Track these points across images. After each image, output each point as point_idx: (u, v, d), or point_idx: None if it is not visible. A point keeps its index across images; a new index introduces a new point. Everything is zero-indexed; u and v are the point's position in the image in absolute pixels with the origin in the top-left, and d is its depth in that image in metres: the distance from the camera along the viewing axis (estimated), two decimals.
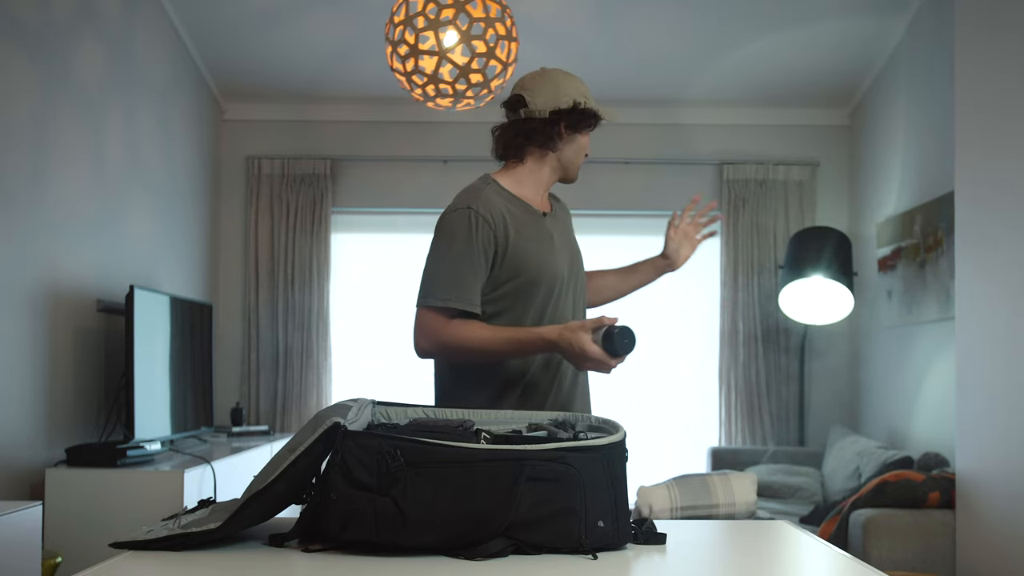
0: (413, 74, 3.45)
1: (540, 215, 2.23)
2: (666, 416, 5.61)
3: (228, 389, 5.50)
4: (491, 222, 2.10)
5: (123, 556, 1.41)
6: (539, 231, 2.20)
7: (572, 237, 2.35)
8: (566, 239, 2.30)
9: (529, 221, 2.19)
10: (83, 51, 3.83)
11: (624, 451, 1.50)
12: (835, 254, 5.03)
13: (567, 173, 2.29)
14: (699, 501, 3.61)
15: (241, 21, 4.85)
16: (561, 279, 2.21)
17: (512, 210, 2.16)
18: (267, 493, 1.43)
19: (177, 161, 4.92)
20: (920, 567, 3.66)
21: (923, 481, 3.80)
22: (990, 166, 3.55)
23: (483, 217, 2.10)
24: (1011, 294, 3.36)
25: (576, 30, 4.93)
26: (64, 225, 3.68)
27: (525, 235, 2.15)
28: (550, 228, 2.25)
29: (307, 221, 5.53)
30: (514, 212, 2.16)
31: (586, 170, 2.70)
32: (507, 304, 2.14)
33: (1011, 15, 3.43)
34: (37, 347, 3.46)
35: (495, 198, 2.15)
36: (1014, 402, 3.33)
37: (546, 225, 2.24)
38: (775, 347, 5.53)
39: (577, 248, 2.34)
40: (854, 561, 1.44)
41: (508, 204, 2.17)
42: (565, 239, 2.30)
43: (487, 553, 1.37)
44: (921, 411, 4.65)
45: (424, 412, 1.74)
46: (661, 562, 1.43)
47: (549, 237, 2.22)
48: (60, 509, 3.31)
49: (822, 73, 5.29)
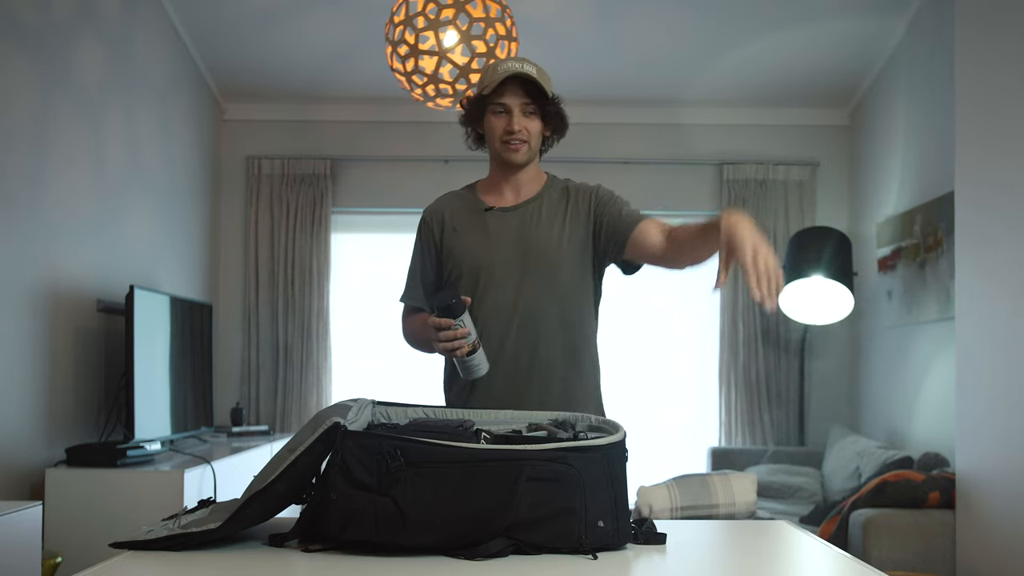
0: (413, 74, 3.45)
1: (481, 210, 2.27)
2: (666, 416, 5.61)
3: (228, 389, 5.50)
4: (430, 223, 2.32)
5: (123, 556, 1.41)
6: (473, 225, 2.26)
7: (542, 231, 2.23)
8: (522, 233, 2.23)
9: (469, 217, 2.28)
10: (83, 51, 3.83)
11: (624, 451, 1.50)
12: (835, 254, 5.03)
13: (499, 158, 2.26)
14: (699, 501, 3.61)
15: (241, 21, 4.85)
16: (488, 270, 2.19)
17: (458, 209, 2.31)
18: (267, 493, 1.43)
19: (177, 161, 4.92)
20: (920, 567, 3.66)
21: (923, 481, 3.80)
22: (990, 166, 3.55)
23: (426, 220, 2.33)
24: (1011, 294, 3.36)
25: (576, 30, 4.93)
26: (64, 225, 3.68)
27: (459, 230, 2.27)
28: (491, 222, 2.24)
29: (307, 221, 5.53)
30: (458, 210, 2.30)
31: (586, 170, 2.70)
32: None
33: (1011, 15, 3.43)
34: (37, 347, 3.46)
35: (447, 200, 2.34)
36: (1014, 402, 3.33)
37: (485, 219, 2.25)
38: (775, 347, 5.53)
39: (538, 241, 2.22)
40: (854, 561, 1.44)
41: (459, 203, 2.32)
42: (521, 233, 2.23)
43: (487, 553, 1.37)
44: (921, 411, 4.64)
45: (424, 412, 1.74)
46: (661, 562, 1.43)
47: (483, 231, 2.24)
48: (60, 509, 3.31)
49: (822, 73, 5.29)
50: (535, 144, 2.25)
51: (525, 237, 2.23)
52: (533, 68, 2.20)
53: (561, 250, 2.23)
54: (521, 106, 2.20)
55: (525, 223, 2.25)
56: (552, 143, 2.33)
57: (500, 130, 2.22)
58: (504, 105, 2.20)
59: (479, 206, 2.28)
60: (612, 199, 2.27)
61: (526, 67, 2.18)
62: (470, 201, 2.31)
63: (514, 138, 2.21)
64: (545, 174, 2.34)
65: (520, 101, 2.20)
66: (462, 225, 2.28)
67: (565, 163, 2.23)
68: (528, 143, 2.22)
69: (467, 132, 2.33)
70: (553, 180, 2.33)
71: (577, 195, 2.29)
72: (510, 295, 2.20)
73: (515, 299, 2.20)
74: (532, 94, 2.20)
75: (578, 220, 2.26)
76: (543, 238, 2.23)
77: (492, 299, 2.20)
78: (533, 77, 2.18)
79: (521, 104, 2.20)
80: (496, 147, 2.24)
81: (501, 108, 2.21)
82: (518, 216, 2.25)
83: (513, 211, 2.26)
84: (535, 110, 2.22)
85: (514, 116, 2.20)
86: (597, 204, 2.26)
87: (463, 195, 2.34)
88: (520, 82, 2.19)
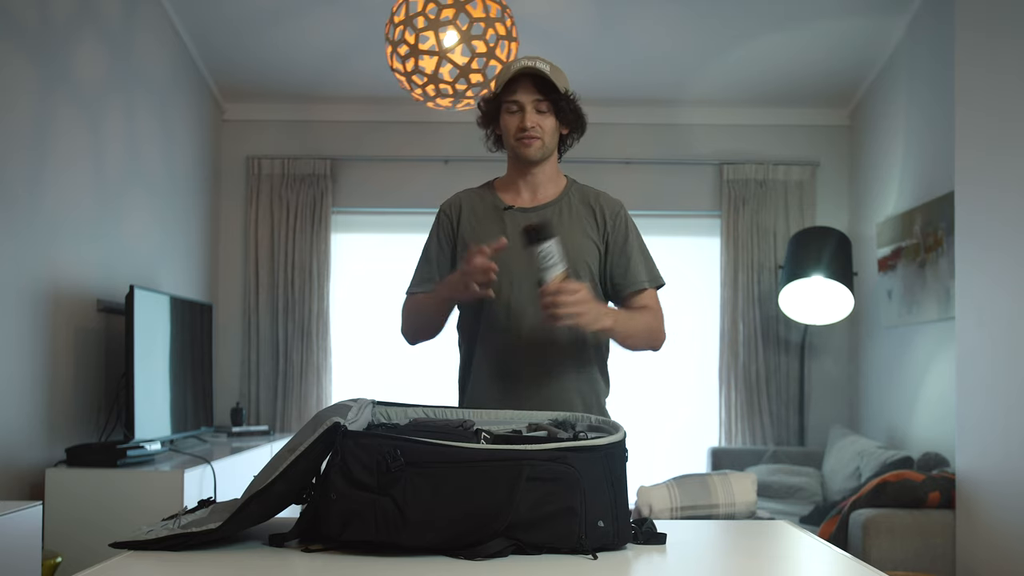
0: (413, 74, 3.45)
1: (500, 208, 2.28)
2: (666, 416, 5.61)
3: (228, 389, 5.50)
4: (450, 215, 2.32)
5: (123, 556, 1.41)
6: (492, 222, 2.27)
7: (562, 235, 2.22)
8: None
9: (487, 213, 2.29)
10: (83, 51, 3.83)
11: (624, 451, 1.50)
12: (835, 254, 5.03)
13: (515, 155, 2.28)
14: (699, 501, 3.61)
15: (241, 21, 4.85)
16: (504, 268, 2.18)
17: (478, 205, 2.31)
18: (267, 493, 1.43)
19: (177, 161, 4.92)
20: (920, 567, 3.66)
21: (923, 481, 3.80)
22: (990, 166, 3.55)
23: (444, 212, 2.34)
24: (1011, 294, 3.36)
25: (576, 30, 4.93)
26: (64, 225, 3.68)
27: (477, 226, 2.28)
28: (507, 220, 2.25)
29: (307, 221, 5.53)
30: (478, 206, 2.31)
31: (586, 170, 2.69)
32: None
33: (1011, 15, 3.43)
34: (37, 347, 3.46)
35: (466, 195, 2.34)
36: (1014, 402, 3.33)
37: (503, 217, 2.26)
38: (775, 347, 5.53)
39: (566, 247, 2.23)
40: (854, 561, 1.44)
41: (479, 199, 2.32)
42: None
43: (487, 553, 1.37)
44: (921, 411, 4.64)
45: (424, 412, 1.74)
46: (661, 562, 1.43)
47: (501, 228, 2.24)
48: (60, 509, 3.31)
49: (822, 73, 5.28)
50: (550, 141, 2.25)
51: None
52: (547, 65, 2.21)
53: (580, 256, 2.24)
54: (533, 103, 2.21)
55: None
56: (571, 142, 2.34)
57: (513, 127, 2.23)
58: (517, 102, 2.21)
59: (497, 204, 2.29)
60: (626, 243, 2.29)
61: (538, 64, 2.20)
62: (488, 199, 2.32)
63: (527, 135, 2.21)
64: (564, 177, 2.35)
65: (532, 98, 2.20)
66: (480, 221, 2.28)
67: (565, 163, 2.23)
68: (542, 139, 2.23)
69: (487, 134, 2.33)
70: (573, 184, 2.34)
71: (604, 211, 2.30)
72: (526, 294, 2.21)
73: (531, 298, 2.20)
74: (544, 90, 2.20)
75: (597, 235, 2.28)
76: (564, 242, 2.22)
77: (507, 297, 2.21)
78: (543, 73, 2.18)
79: (533, 100, 2.20)
80: (511, 144, 2.26)
81: (514, 106, 2.22)
82: (538, 217, 2.25)
83: (533, 211, 2.27)
84: (548, 107, 2.22)
85: (527, 112, 2.21)
86: (615, 236, 2.28)
87: (481, 192, 2.35)
88: (532, 79, 2.20)
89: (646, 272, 2.30)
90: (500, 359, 2.23)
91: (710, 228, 5.68)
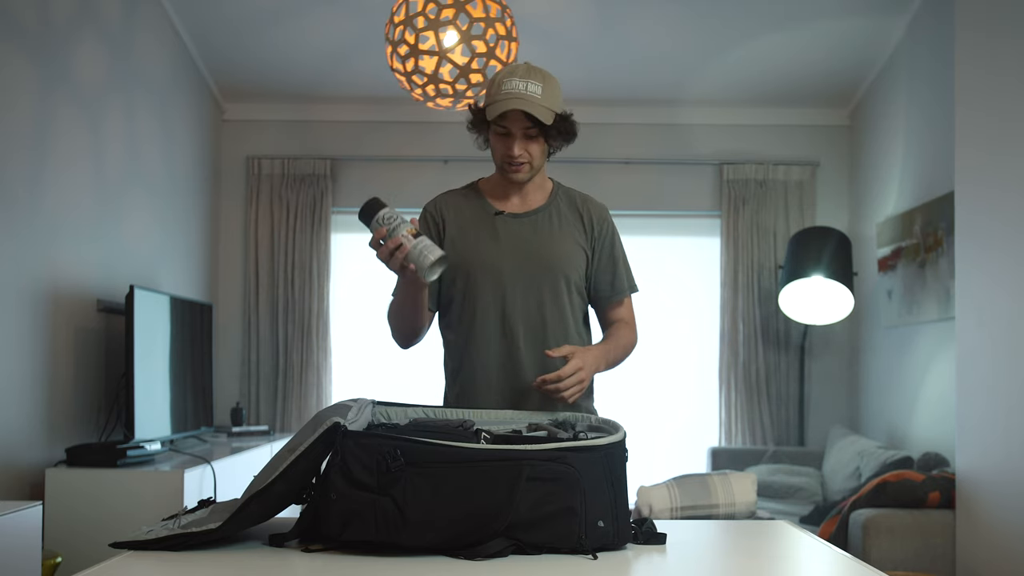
0: (413, 74, 3.45)
1: (490, 213, 2.25)
2: (666, 416, 5.61)
3: (228, 389, 5.50)
4: (435, 215, 2.29)
5: (123, 556, 1.41)
6: (482, 227, 2.24)
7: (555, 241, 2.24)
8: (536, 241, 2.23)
9: (476, 217, 2.26)
10: (83, 51, 3.83)
11: (624, 451, 1.50)
12: (835, 254, 5.03)
13: (500, 172, 2.24)
14: (699, 501, 3.61)
15: (241, 21, 4.85)
16: (496, 273, 2.19)
17: (465, 207, 2.28)
18: (267, 493, 1.43)
19: (177, 161, 4.92)
20: (920, 567, 3.66)
21: (923, 481, 3.80)
22: (990, 166, 3.55)
23: (429, 212, 2.31)
24: (1011, 294, 3.37)
25: (576, 30, 4.93)
26: (64, 225, 3.68)
27: (464, 228, 2.25)
28: (498, 225, 2.24)
29: (307, 221, 5.53)
30: (465, 208, 2.28)
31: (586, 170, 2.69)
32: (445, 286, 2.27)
33: (1011, 15, 3.43)
34: (37, 347, 3.46)
35: (451, 197, 2.32)
36: (1014, 402, 3.33)
37: (493, 222, 2.24)
38: (775, 347, 5.53)
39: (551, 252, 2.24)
40: (854, 561, 1.44)
41: (465, 201, 2.29)
42: (525, 239, 2.23)
43: (487, 553, 1.37)
44: (921, 411, 4.64)
45: (424, 412, 1.74)
46: (661, 562, 1.43)
47: (492, 234, 2.23)
48: (60, 509, 3.31)
49: (822, 73, 5.28)
50: (538, 163, 2.21)
51: (538, 245, 2.23)
52: (538, 88, 2.10)
53: (571, 262, 2.25)
54: (523, 131, 2.14)
55: (538, 231, 2.24)
56: (560, 148, 2.29)
57: (501, 152, 2.19)
58: (506, 128, 2.15)
59: (487, 208, 2.26)
60: (613, 250, 2.31)
61: (530, 86, 2.10)
62: (475, 202, 2.29)
63: (515, 161, 2.17)
64: (550, 180, 2.34)
65: (522, 126, 2.13)
66: (469, 225, 2.25)
67: (565, 163, 2.22)
68: (530, 163, 2.19)
69: (476, 136, 2.29)
70: (559, 188, 2.33)
71: (591, 217, 2.30)
72: (519, 299, 2.20)
73: (523, 303, 2.21)
74: (535, 118, 2.12)
75: (585, 241, 2.28)
76: (557, 249, 2.24)
77: (500, 302, 2.21)
78: (533, 112, 2.09)
79: (523, 129, 2.14)
80: (499, 165, 2.22)
81: (503, 129, 2.16)
82: (530, 224, 2.24)
83: (524, 218, 2.25)
84: (538, 133, 2.15)
85: (516, 141, 2.15)
86: (602, 243, 2.30)
87: (467, 195, 2.31)
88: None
89: (627, 281, 2.35)
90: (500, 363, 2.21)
91: (710, 228, 5.68)
